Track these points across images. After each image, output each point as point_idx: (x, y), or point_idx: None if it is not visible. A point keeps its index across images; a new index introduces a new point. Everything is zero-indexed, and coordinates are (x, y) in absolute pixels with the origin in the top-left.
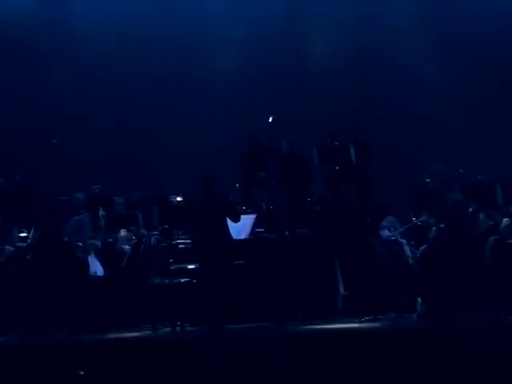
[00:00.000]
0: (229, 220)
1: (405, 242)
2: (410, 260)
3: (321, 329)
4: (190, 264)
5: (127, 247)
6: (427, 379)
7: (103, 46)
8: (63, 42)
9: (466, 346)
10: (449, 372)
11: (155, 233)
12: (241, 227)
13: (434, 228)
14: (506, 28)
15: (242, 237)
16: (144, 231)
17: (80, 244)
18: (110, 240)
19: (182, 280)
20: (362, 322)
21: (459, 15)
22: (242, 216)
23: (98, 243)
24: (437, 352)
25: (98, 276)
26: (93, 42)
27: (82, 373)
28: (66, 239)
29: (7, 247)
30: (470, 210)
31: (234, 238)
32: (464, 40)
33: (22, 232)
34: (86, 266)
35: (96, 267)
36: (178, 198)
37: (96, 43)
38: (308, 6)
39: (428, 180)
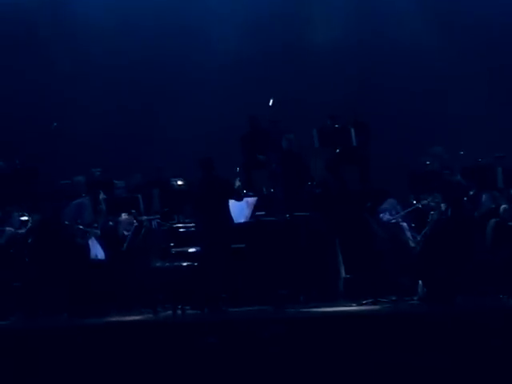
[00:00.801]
0: (230, 203)
1: (405, 225)
2: (411, 243)
3: (321, 311)
4: (191, 247)
5: (127, 231)
6: (428, 362)
7: (103, 30)
8: (63, 24)
9: (466, 328)
10: (449, 355)
11: (156, 216)
12: (241, 210)
13: (434, 211)
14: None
15: (243, 220)
16: (144, 217)
17: (81, 227)
18: (111, 223)
19: (183, 263)
20: (363, 304)
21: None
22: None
23: (98, 231)
24: (437, 335)
25: (99, 259)
26: (93, 25)
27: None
28: (66, 223)
29: (8, 229)
30: (471, 192)
31: (235, 221)
32: (465, 21)
33: (23, 216)
34: (87, 249)
35: (97, 251)
36: (179, 182)
37: (96, 27)
38: None
39: (428, 162)
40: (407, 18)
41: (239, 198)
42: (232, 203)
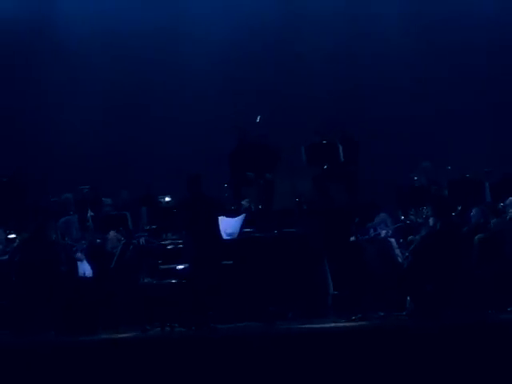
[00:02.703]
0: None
1: (394, 240)
2: (399, 259)
3: (310, 328)
4: (179, 264)
5: (115, 249)
6: (416, 377)
7: (90, 45)
8: (50, 40)
9: (455, 343)
10: (438, 370)
11: (144, 234)
12: (230, 227)
13: (422, 227)
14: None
15: (231, 237)
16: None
17: (68, 242)
18: (99, 241)
19: (171, 280)
20: (352, 320)
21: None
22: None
23: (82, 256)
24: (426, 350)
25: (87, 277)
26: (79, 41)
27: None
28: (54, 238)
29: None
30: (459, 207)
31: (223, 238)
32: (452, 38)
33: (10, 233)
34: (75, 267)
35: (84, 268)
36: (167, 199)
37: (83, 42)
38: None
39: (416, 178)
40: (396, 35)
41: (227, 214)
42: (220, 220)
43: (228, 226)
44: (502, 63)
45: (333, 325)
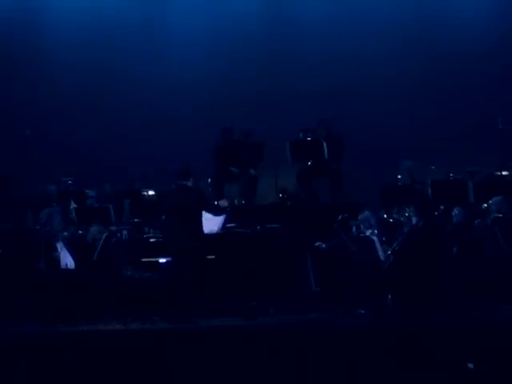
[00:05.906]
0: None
1: (376, 238)
2: (381, 257)
3: (291, 324)
4: (162, 258)
5: (98, 241)
6: (395, 375)
7: (75, 38)
8: (32, 34)
9: (435, 343)
10: (417, 368)
11: (126, 227)
12: (212, 222)
13: (404, 225)
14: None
15: (214, 231)
16: (114, 227)
17: (51, 233)
18: (81, 232)
19: (153, 274)
20: (332, 317)
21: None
22: None
23: (64, 248)
24: (405, 349)
25: (69, 269)
26: (63, 37)
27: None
28: (37, 228)
29: None
30: (442, 207)
31: (206, 232)
32: (440, 42)
33: None
34: (57, 258)
35: (67, 260)
36: (150, 192)
37: (67, 39)
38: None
39: (399, 176)
40: (383, 35)
41: (213, 211)
42: (204, 214)
43: (209, 222)
44: (486, 66)
45: (314, 321)
